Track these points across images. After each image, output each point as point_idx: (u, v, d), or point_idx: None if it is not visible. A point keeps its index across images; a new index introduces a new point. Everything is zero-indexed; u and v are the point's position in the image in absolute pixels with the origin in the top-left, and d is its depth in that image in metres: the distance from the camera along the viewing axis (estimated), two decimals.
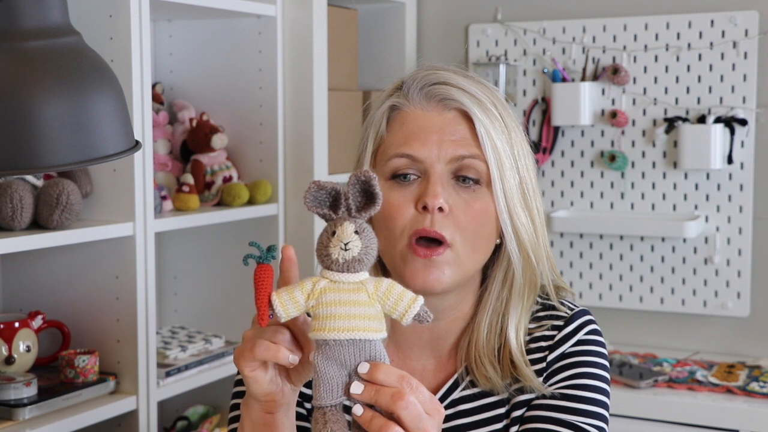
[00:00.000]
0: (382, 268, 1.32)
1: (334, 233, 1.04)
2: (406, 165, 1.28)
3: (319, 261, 1.05)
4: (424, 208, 1.25)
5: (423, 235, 1.25)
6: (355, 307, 1.03)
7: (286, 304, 1.05)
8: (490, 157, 1.28)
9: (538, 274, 1.33)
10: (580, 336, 1.34)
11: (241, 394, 1.35)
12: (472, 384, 1.33)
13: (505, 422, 1.32)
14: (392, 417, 1.03)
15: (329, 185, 1.05)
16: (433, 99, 1.30)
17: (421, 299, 1.05)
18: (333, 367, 1.04)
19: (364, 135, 1.35)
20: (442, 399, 1.34)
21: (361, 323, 1.03)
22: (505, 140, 1.29)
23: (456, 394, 1.34)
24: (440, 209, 1.25)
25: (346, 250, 1.03)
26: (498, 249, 1.33)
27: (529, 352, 1.33)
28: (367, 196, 1.05)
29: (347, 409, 1.05)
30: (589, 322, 1.36)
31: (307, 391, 1.36)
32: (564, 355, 1.33)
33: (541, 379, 1.32)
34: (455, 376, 1.34)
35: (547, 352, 1.33)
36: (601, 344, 1.36)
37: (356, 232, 1.04)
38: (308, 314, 1.07)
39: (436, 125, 1.29)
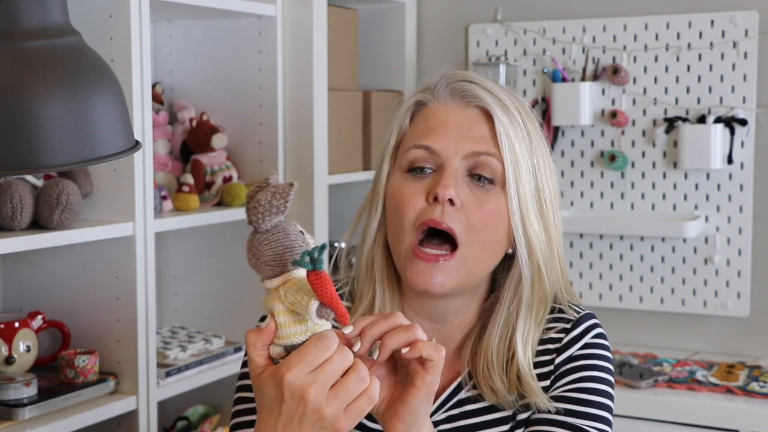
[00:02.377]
0: (389, 264, 1.34)
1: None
2: (423, 157, 1.29)
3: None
4: (435, 199, 1.25)
5: (431, 225, 1.25)
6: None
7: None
8: (507, 158, 1.27)
9: (548, 288, 1.32)
10: (587, 339, 1.34)
11: (245, 387, 1.35)
12: (475, 387, 1.33)
13: (511, 424, 1.32)
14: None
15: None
16: (457, 95, 1.31)
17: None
18: None
19: (388, 131, 1.36)
20: (448, 398, 1.34)
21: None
22: (525, 145, 1.29)
23: (462, 395, 1.34)
24: (451, 202, 1.25)
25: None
26: (512, 258, 1.33)
27: (537, 354, 1.33)
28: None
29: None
30: (596, 325, 1.37)
31: None
32: (571, 358, 1.33)
33: (548, 382, 1.32)
34: (459, 380, 1.34)
35: (554, 355, 1.33)
36: (607, 348, 1.36)
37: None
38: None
39: (457, 120, 1.29)
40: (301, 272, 1.05)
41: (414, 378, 1.11)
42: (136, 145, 1.17)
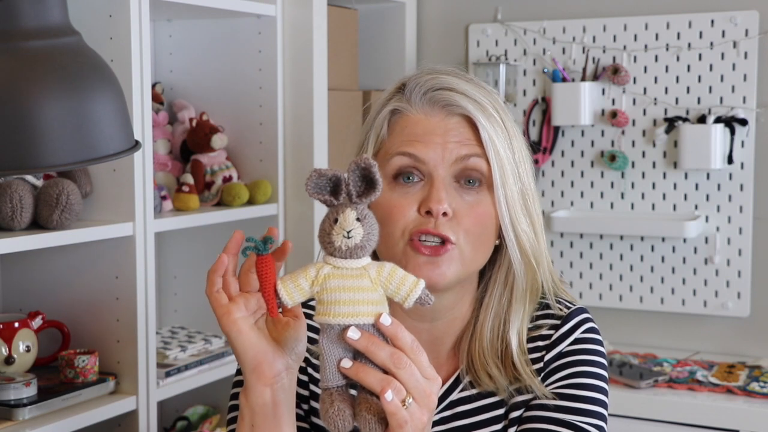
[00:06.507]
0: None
1: (336, 220, 1.05)
2: (409, 164, 1.28)
3: (321, 247, 1.07)
4: (428, 212, 1.25)
5: (426, 233, 1.25)
6: (359, 292, 1.06)
7: (292, 292, 1.07)
8: (493, 163, 1.28)
9: (540, 279, 1.33)
10: (577, 334, 1.34)
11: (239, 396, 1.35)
12: (471, 385, 1.33)
13: (504, 423, 1.32)
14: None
15: (330, 172, 1.06)
16: (437, 104, 1.30)
17: (422, 283, 1.08)
18: (338, 349, 1.07)
19: (364, 138, 1.35)
20: (440, 400, 1.33)
21: (364, 308, 1.06)
22: (507, 146, 1.29)
23: (454, 396, 1.34)
24: (444, 214, 1.25)
25: (348, 237, 1.05)
26: (498, 251, 1.33)
27: (527, 351, 1.33)
28: (367, 182, 1.06)
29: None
30: (586, 320, 1.36)
31: (304, 392, 1.37)
32: (561, 354, 1.33)
33: (539, 378, 1.32)
34: (455, 376, 1.34)
35: (544, 352, 1.33)
36: (599, 342, 1.36)
37: (358, 219, 1.05)
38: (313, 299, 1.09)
39: (439, 129, 1.28)
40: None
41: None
42: (136, 145, 1.17)
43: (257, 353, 1.11)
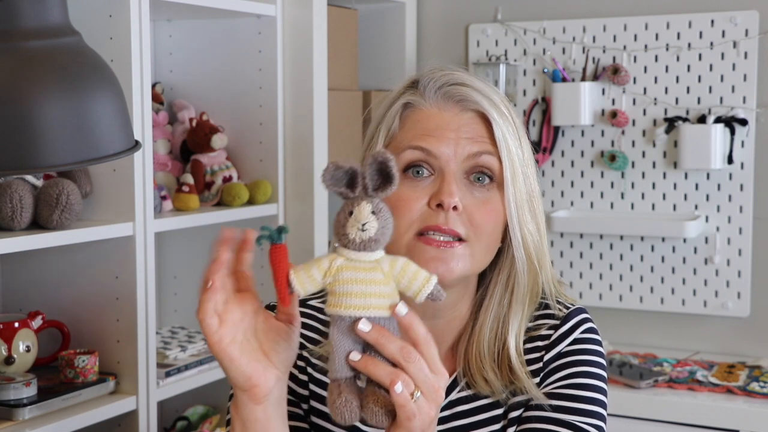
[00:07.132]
0: None
1: (351, 213, 1.06)
2: (420, 158, 1.28)
3: (335, 239, 1.08)
4: (438, 205, 1.25)
5: (436, 230, 1.25)
6: (371, 285, 1.06)
7: (304, 282, 1.08)
8: (505, 161, 1.28)
9: (541, 281, 1.33)
10: (576, 335, 1.34)
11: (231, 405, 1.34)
12: (469, 386, 1.33)
13: (502, 423, 1.32)
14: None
15: (347, 165, 1.07)
16: (451, 99, 1.30)
17: (434, 278, 1.08)
18: (348, 341, 1.08)
19: (374, 132, 1.34)
20: None
21: (375, 301, 1.06)
22: (518, 146, 1.30)
23: (453, 395, 1.34)
24: (455, 208, 1.25)
25: (363, 230, 1.05)
26: (499, 253, 1.33)
27: (525, 352, 1.33)
28: (384, 176, 1.07)
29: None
30: (585, 320, 1.36)
31: (304, 392, 1.36)
32: (560, 355, 1.33)
33: (537, 379, 1.32)
34: (453, 377, 1.34)
35: (543, 352, 1.33)
36: (598, 342, 1.36)
37: (373, 212, 1.06)
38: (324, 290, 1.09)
39: (453, 124, 1.28)
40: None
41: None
42: (136, 145, 1.17)
43: (249, 378, 1.11)
